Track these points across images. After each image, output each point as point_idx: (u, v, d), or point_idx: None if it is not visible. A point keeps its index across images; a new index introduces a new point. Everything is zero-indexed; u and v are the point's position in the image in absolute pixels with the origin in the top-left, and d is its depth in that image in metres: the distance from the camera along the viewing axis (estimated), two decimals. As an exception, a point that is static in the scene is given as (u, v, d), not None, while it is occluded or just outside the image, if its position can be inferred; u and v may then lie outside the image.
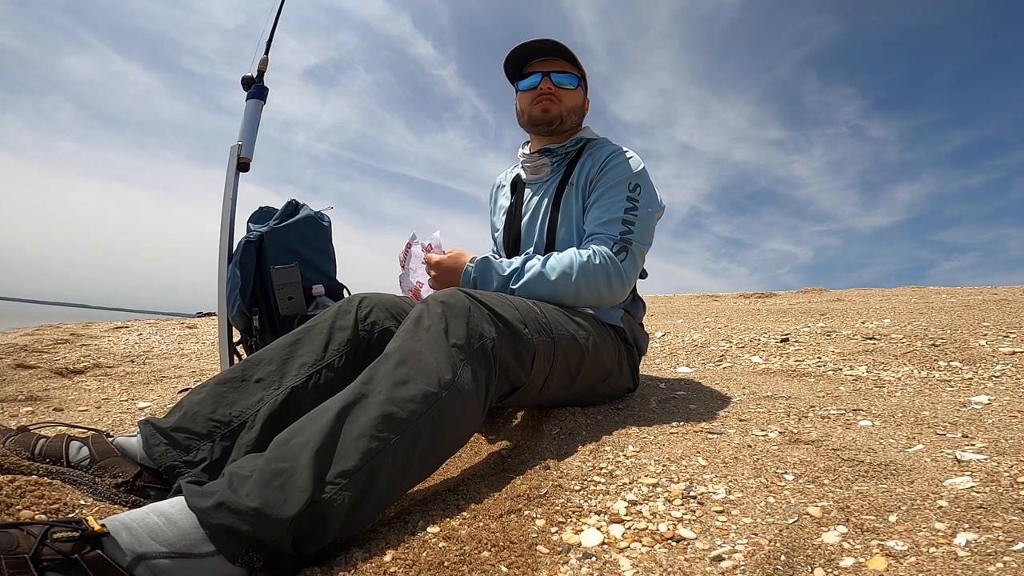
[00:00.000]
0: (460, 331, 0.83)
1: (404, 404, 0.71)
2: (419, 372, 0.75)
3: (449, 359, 0.79)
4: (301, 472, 0.62)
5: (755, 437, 0.95)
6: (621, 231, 1.14)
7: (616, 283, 1.11)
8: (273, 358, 0.95)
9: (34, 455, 0.83)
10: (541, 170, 1.33)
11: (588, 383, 1.13)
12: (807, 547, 0.58)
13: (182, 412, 0.89)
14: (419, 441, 0.71)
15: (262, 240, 1.65)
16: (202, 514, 0.59)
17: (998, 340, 1.78)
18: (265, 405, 0.89)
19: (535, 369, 0.95)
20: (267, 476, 0.62)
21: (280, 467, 0.63)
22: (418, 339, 0.81)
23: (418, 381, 0.74)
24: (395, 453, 0.68)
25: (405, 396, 0.72)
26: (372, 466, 0.66)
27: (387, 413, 0.70)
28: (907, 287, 4.37)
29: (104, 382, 1.99)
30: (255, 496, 0.60)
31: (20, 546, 0.51)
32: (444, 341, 0.81)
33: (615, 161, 1.22)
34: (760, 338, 2.23)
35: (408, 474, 0.71)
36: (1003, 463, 0.75)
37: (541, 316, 1.00)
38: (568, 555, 0.62)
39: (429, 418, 0.72)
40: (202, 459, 0.85)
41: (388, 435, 0.68)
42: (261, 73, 1.75)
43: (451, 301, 0.87)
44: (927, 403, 1.17)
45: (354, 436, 0.67)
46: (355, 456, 0.65)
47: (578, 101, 1.30)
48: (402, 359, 0.77)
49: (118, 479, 0.82)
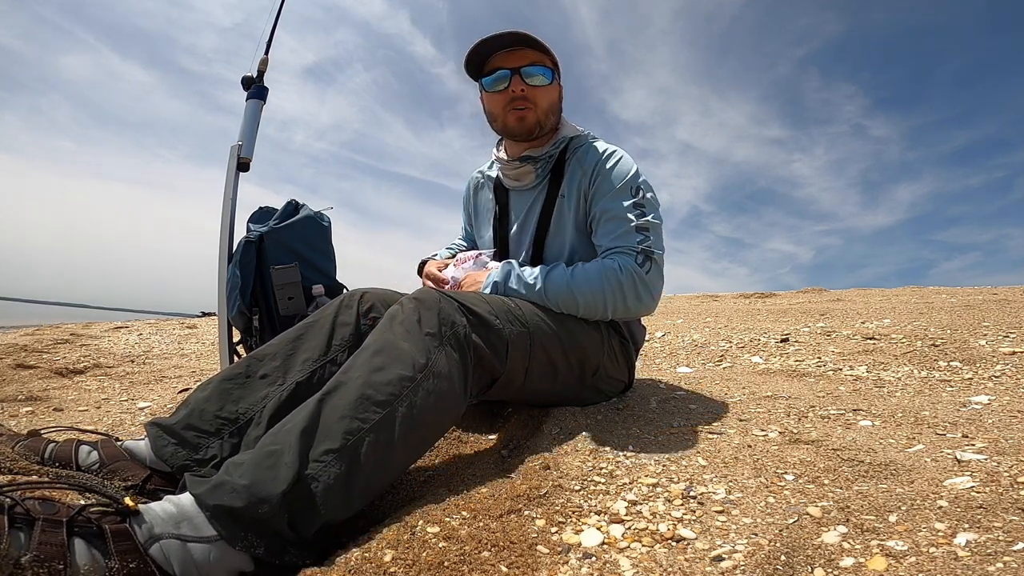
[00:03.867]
0: (432, 320, 0.85)
1: (381, 387, 0.75)
2: (394, 359, 0.79)
3: (422, 344, 0.82)
4: (288, 451, 0.67)
5: (755, 437, 0.95)
6: (639, 240, 1.08)
7: (645, 296, 1.08)
8: (277, 354, 0.97)
9: (44, 459, 0.84)
10: (524, 177, 1.23)
11: (575, 375, 1.11)
12: (807, 547, 0.58)
13: (189, 410, 0.90)
14: (398, 421, 0.74)
15: (262, 240, 1.65)
16: (200, 497, 0.63)
17: (998, 340, 1.78)
18: (271, 401, 0.91)
19: (511, 359, 0.95)
20: (259, 458, 0.67)
21: (271, 449, 0.68)
22: (392, 331, 0.84)
23: (393, 366, 0.78)
24: (376, 432, 0.72)
25: (381, 380, 0.76)
26: (354, 444, 0.70)
27: (364, 395, 0.74)
28: (907, 287, 4.36)
29: (104, 382, 1.99)
30: (247, 475, 0.65)
31: (59, 512, 0.57)
32: (418, 330, 0.84)
33: (608, 165, 1.15)
34: (760, 338, 2.23)
35: (393, 455, 0.74)
36: (1003, 463, 0.75)
37: (515, 309, 1.01)
38: (568, 555, 0.62)
39: (406, 399, 0.76)
40: (212, 456, 0.87)
41: (367, 415, 0.72)
42: (261, 73, 1.75)
43: (422, 296, 0.90)
44: (927, 403, 1.17)
45: (336, 417, 0.71)
46: (338, 435, 0.70)
47: (554, 98, 1.17)
48: (378, 349, 0.81)
49: (128, 482, 0.83)
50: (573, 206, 1.18)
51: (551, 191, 1.20)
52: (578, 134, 1.22)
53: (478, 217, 1.40)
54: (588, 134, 1.25)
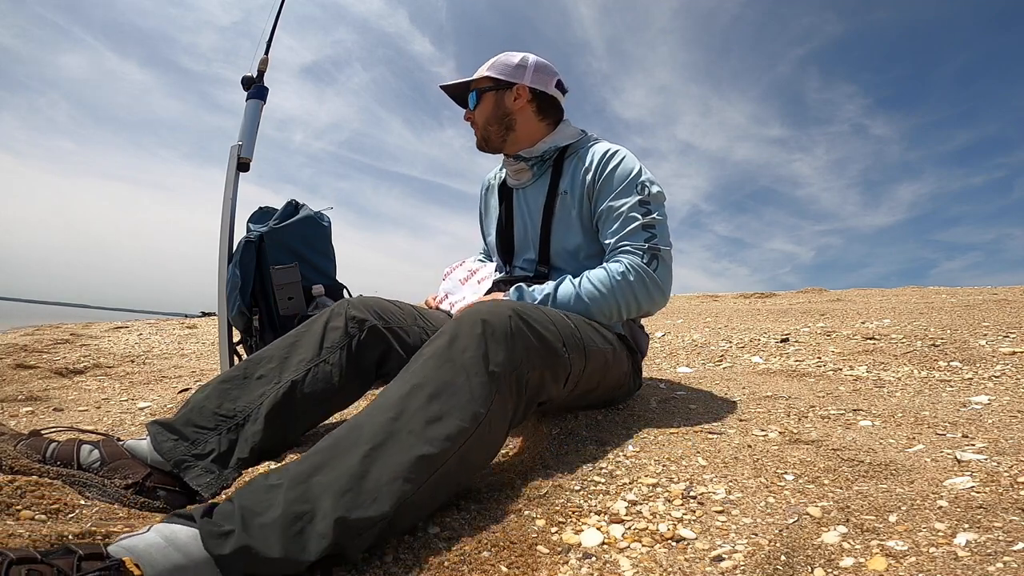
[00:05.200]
0: (499, 356, 0.77)
1: (438, 443, 0.68)
2: (453, 408, 0.71)
3: (484, 389, 0.74)
4: (323, 518, 0.60)
5: (755, 437, 0.95)
6: (646, 237, 1.11)
7: (656, 293, 1.10)
8: (273, 356, 1.01)
9: (45, 458, 0.85)
10: (522, 175, 1.28)
11: (606, 390, 1.13)
12: (807, 547, 0.58)
13: (188, 408, 0.94)
14: (448, 476, 0.69)
15: (262, 240, 1.65)
16: (223, 561, 0.57)
17: (998, 340, 1.78)
18: (267, 399, 0.94)
19: (566, 387, 0.95)
20: (287, 521, 0.60)
21: (300, 510, 0.60)
22: (452, 367, 0.75)
23: (452, 417, 0.70)
24: (425, 492, 0.66)
25: (439, 435, 0.68)
26: (404, 505, 0.64)
27: (421, 455, 0.66)
28: (907, 287, 4.36)
29: (104, 382, 1.99)
30: (275, 546, 0.58)
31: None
32: (482, 369, 0.75)
33: (612, 163, 1.18)
34: (760, 338, 2.23)
35: (430, 505, 0.70)
36: (1003, 463, 0.75)
37: (575, 331, 0.98)
38: (568, 555, 0.62)
39: (459, 453, 0.69)
40: (210, 451, 0.90)
41: (420, 476, 0.65)
42: (261, 73, 1.75)
43: (492, 320, 0.80)
44: (927, 403, 1.17)
45: (386, 480, 0.63)
46: (387, 501, 0.62)
47: (488, 110, 1.24)
48: (435, 392, 0.72)
49: (128, 480, 0.85)
50: (576, 203, 1.20)
51: (551, 188, 1.24)
52: (576, 139, 1.26)
53: (487, 219, 1.44)
54: (589, 136, 1.28)
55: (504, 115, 1.25)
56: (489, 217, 1.43)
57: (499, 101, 1.24)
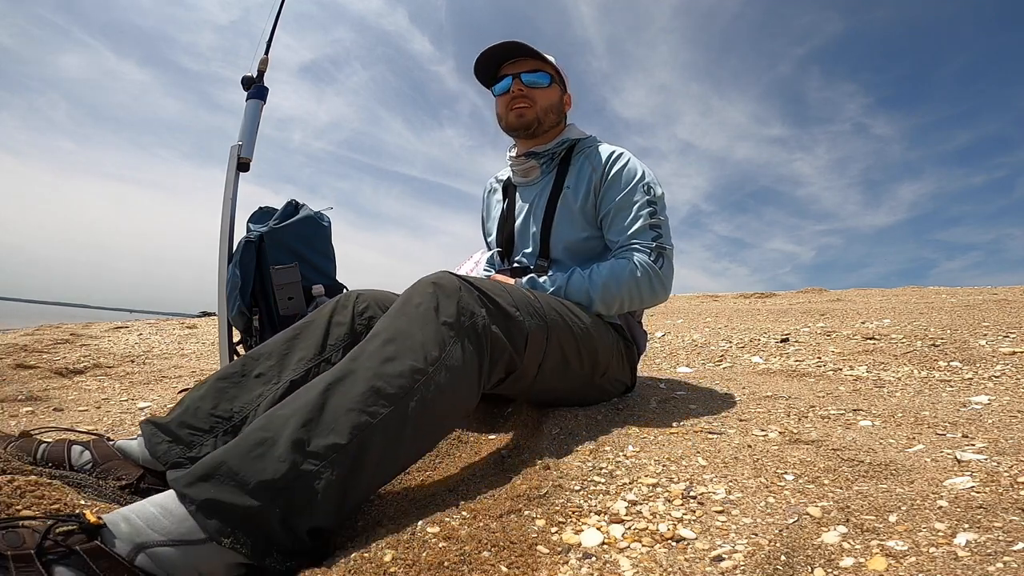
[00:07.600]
0: (450, 309, 0.81)
1: (391, 379, 0.71)
2: (406, 349, 0.75)
3: (437, 335, 0.77)
4: (283, 443, 0.63)
5: (755, 437, 0.95)
6: (653, 236, 1.17)
7: (660, 289, 1.17)
8: (272, 353, 0.97)
9: (36, 460, 0.83)
10: (530, 173, 1.31)
11: (584, 374, 1.12)
12: (807, 547, 0.58)
13: (183, 408, 0.90)
14: (409, 416, 0.70)
15: (262, 240, 1.66)
16: (182, 490, 0.59)
17: (998, 340, 1.78)
18: (265, 400, 0.91)
19: (528, 353, 0.94)
20: (248, 445, 0.63)
21: (262, 436, 0.63)
22: (406, 317, 0.80)
23: (405, 357, 0.74)
24: (385, 428, 0.68)
25: (392, 372, 0.72)
26: (362, 440, 0.66)
27: (374, 388, 0.69)
28: (907, 287, 4.37)
29: (104, 382, 1.99)
30: (233, 464, 0.60)
31: (26, 542, 0.53)
32: (434, 318, 0.79)
33: (619, 164, 1.22)
34: (760, 338, 2.23)
35: (399, 452, 0.71)
36: (1003, 463, 0.75)
37: (535, 301, 1.00)
38: (568, 555, 0.62)
39: (417, 393, 0.72)
40: (205, 454, 0.85)
41: (376, 408, 0.68)
42: (261, 73, 1.75)
43: (442, 282, 0.85)
44: (927, 403, 1.17)
45: (343, 409, 0.67)
46: (344, 430, 0.65)
47: (553, 99, 1.28)
48: (389, 337, 0.76)
49: (122, 481, 0.83)
50: (580, 198, 1.24)
51: (556, 184, 1.27)
52: (584, 136, 1.32)
53: (490, 218, 1.47)
54: (594, 137, 1.33)
55: (560, 110, 1.32)
56: (492, 215, 1.45)
57: (560, 96, 1.32)
